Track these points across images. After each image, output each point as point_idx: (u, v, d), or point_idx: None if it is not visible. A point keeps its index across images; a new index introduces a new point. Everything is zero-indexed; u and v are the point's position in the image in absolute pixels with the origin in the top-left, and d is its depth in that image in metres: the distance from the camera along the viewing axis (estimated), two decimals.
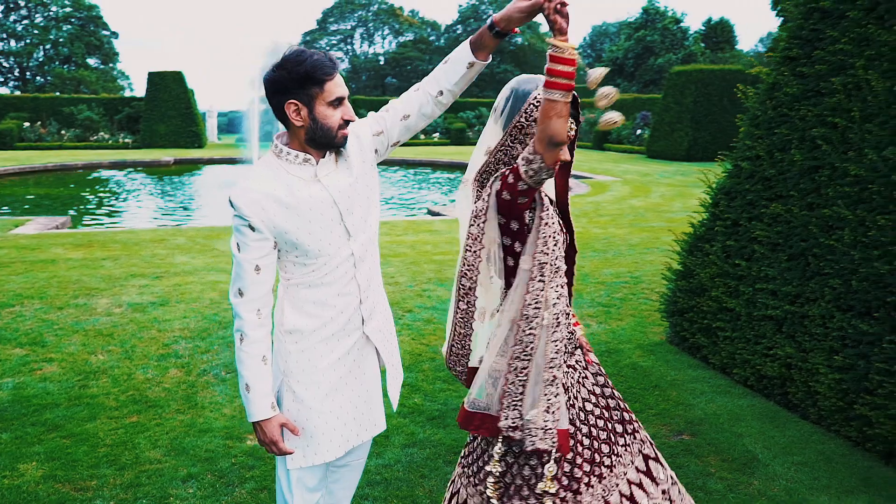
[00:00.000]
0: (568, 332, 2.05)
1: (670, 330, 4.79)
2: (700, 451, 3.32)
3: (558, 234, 1.92)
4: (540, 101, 1.86)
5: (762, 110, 3.96)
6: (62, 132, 28.14)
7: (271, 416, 1.88)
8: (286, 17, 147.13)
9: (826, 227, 3.48)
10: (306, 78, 1.77)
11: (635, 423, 2.19)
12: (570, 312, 2.04)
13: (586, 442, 2.03)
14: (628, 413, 2.18)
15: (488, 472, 1.98)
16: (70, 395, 3.91)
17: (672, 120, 22.73)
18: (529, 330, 1.87)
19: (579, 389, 2.08)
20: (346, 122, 1.86)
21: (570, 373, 2.06)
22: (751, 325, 3.93)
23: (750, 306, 3.92)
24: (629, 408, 2.22)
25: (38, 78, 54.58)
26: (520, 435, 1.90)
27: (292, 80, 1.78)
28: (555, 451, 1.96)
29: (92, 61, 55.72)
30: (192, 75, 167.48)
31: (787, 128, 3.75)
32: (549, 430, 1.89)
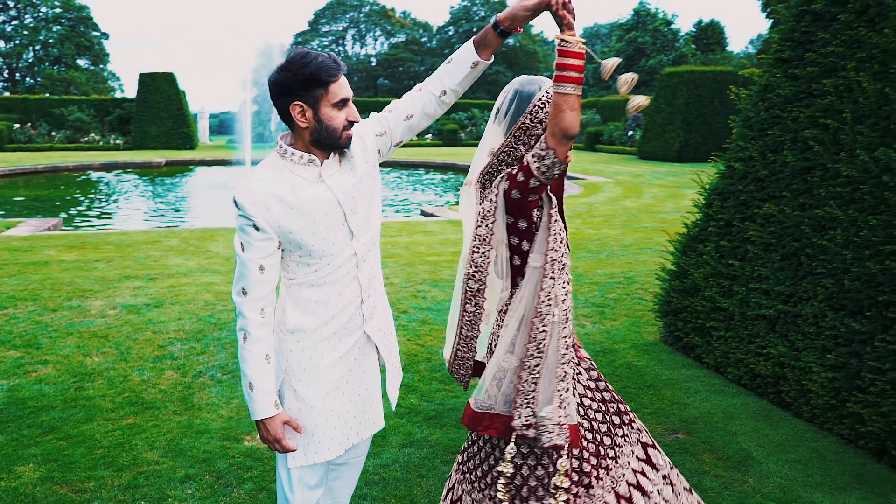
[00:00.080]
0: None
1: (664, 330, 4.82)
2: (695, 450, 3.35)
3: (563, 231, 1.95)
4: (544, 103, 1.90)
5: (755, 112, 4.00)
6: (52, 133, 28.00)
7: (275, 415, 1.89)
8: (277, 18, 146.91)
9: (818, 228, 3.52)
10: (311, 80, 1.79)
11: (630, 414, 2.23)
12: None
13: (589, 436, 2.07)
14: (623, 405, 2.22)
15: (499, 473, 1.98)
16: (66, 397, 3.90)
17: (663, 121, 22.84)
18: (542, 327, 1.90)
19: (575, 385, 2.11)
20: (351, 124, 1.88)
21: None
22: (744, 325, 3.97)
23: (743, 306, 3.96)
24: (622, 399, 2.26)
25: (27, 79, 54.29)
26: (534, 433, 1.91)
27: (297, 82, 1.79)
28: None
29: (82, 62, 55.47)
30: (184, 76, 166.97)
31: (780, 129, 3.79)
32: (563, 425, 1.91)
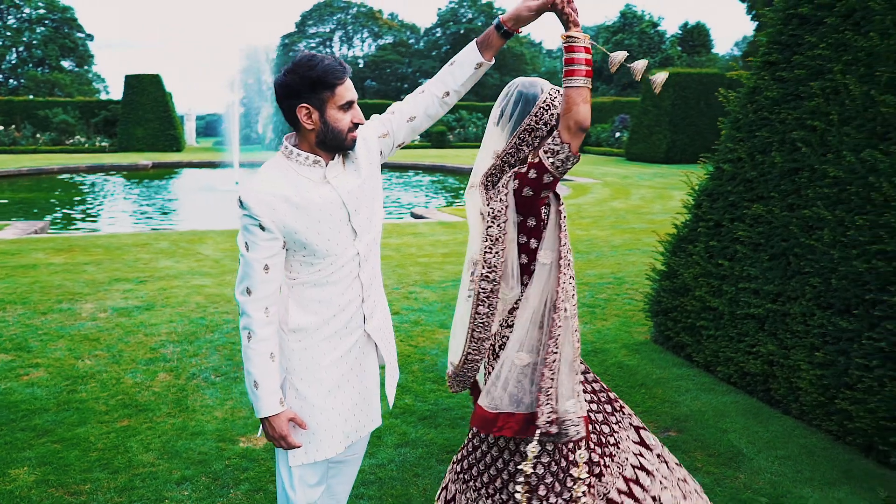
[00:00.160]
0: None
1: (655, 329, 4.87)
2: (687, 447, 3.39)
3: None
4: (548, 105, 1.94)
5: (743, 114, 4.06)
6: (37, 136, 27.74)
7: (280, 412, 1.91)
8: (264, 19, 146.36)
9: (806, 228, 3.57)
10: (318, 82, 1.81)
11: (620, 401, 2.30)
12: None
13: (590, 427, 2.11)
14: (611, 393, 2.29)
15: (517, 472, 1.98)
16: (59, 399, 3.89)
17: (650, 123, 23.00)
18: (559, 322, 1.94)
19: None
20: (356, 125, 1.90)
21: None
22: (734, 324, 4.02)
23: (733, 305, 4.01)
24: (609, 388, 2.33)
25: (10, 81, 53.76)
26: (557, 429, 1.95)
27: (304, 85, 1.81)
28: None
29: (66, 64, 55.04)
30: (169, 78, 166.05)
31: (768, 131, 3.85)
32: (581, 417, 1.96)
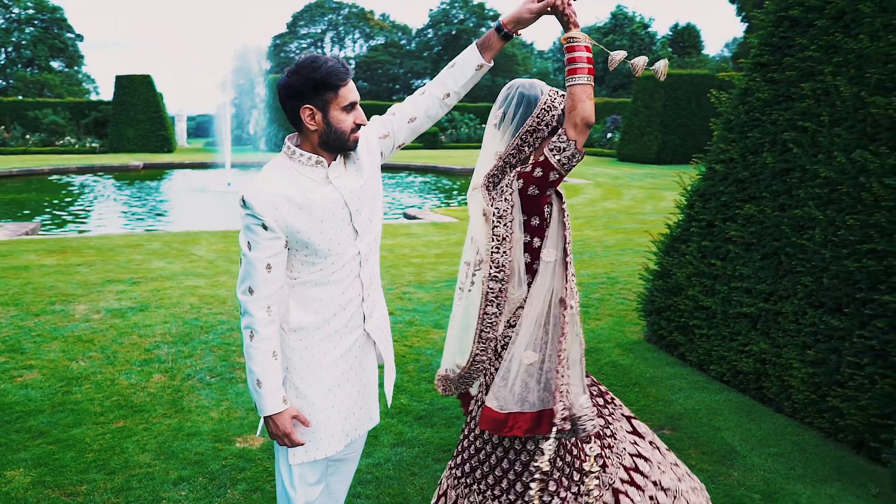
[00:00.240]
0: None
1: (648, 328, 4.91)
2: (681, 445, 3.42)
3: None
4: (549, 106, 1.97)
5: (735, 115, 4.10)
6: (27, 136, 27.57)
7: (283, 410, 1.93)
8: (255, 20, 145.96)
9: (798, 227, 3.61)
10: (322, 83, 1.83)
11: (610, 393, 2.35)
12: None
13: None
14: (602, 386, 2.34)
15: (533, 470, 2.00)
16: (53, 401, 3.88)
17: (641, 123, 23.09)
18: (568, 319, 1.98)
19: None
20: (358, 126, 1.92)
21: None
22: (726, 323, 4.06)
23: (725, 304, 4.05)
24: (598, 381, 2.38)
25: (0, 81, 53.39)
26: (570, 425, 1.99)
27: (308, 86, 1.84)
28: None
29: (56, 64, 54.71)
30: (160, 78, 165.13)
31: (760, 131, 3.89)
32: (594, 411, 2.00)
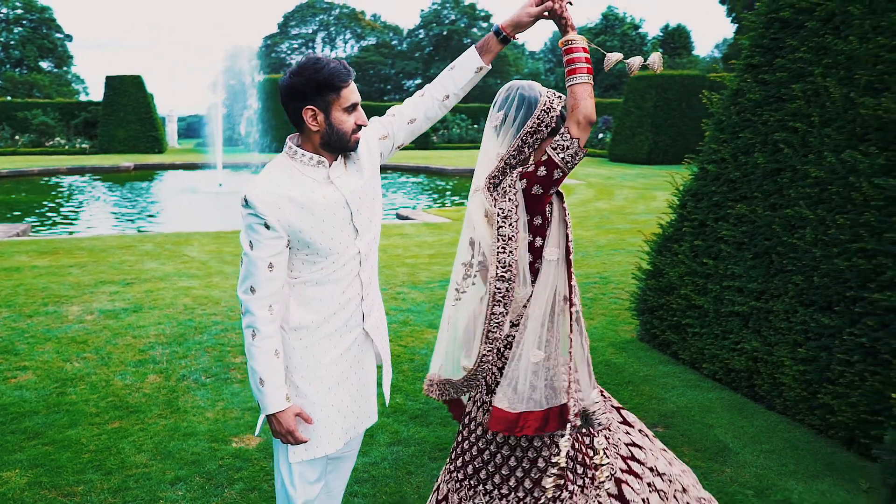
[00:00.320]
0: None
1: (641, 327, 4.95)
2: (674, 443, 3.45)
3: None
4: (549, 107, 2.00)
5: (727, 115, 4.14)
6: (16, 137, 27.39)
7: (287, 407, 1.94)
8: (245, 20, 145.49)
9: (788, 227, 3.66)
10: (324, 85, 1.85)
11: (599, 386, 2.36)
12: None
13: None
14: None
15: (554, 465, 2.01)
16: (48, 402, 3.87)
17: (633, 124, 23.20)
18: (576, 315, 2.03)
19: None
20: (359, 127, 1.95)
21: None
22: (718, 322, 4.10)
23: (717, 303, 4.09)
24: None
25: None
26: (580, 420, 2.03)
27: (310, 87, 1.86)
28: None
29: (45, 64, 54.34)
30: (150, 79, 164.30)
31: (751, 132, 3.93)
32: (604, 404, 2.04)
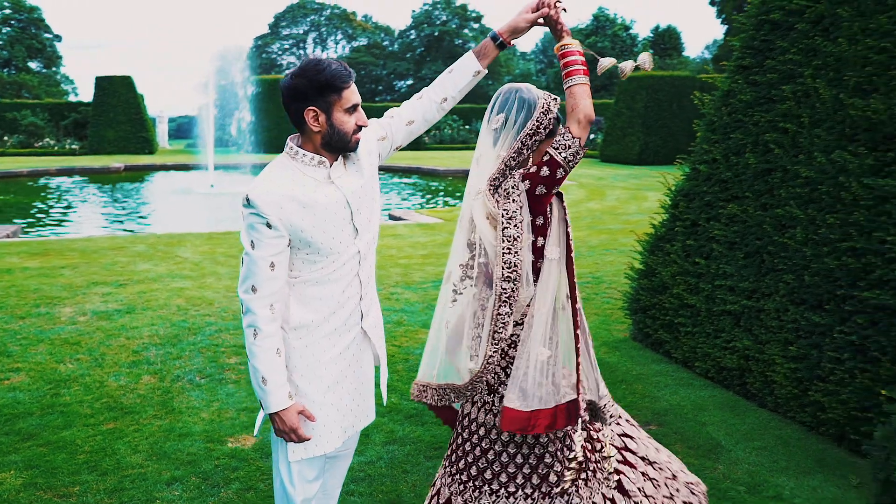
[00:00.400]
0: None
1: (634, 327, 4.98)
2: (667, 440, 3.49)
3: None
4: (547, 109, 2.03)
5: (718, 116, 4.18)
6: (5, 138, 27.22)
7: (290, 405, 1.96)
8: (237, 20, 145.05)
9: (779, 226, 3.70)
10: (326, 86, 1.88)
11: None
12: None
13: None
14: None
15: (570, 460, 2.03)
16: (42, 403, 3.87)
17: (624, 125, 23.31)
18: (580, 311, 2.05)
19: None
20: (360, 128, 1.97)
21: None
22: (710, 320, 4.14)
23: (709, 302, 4.13)
24: None
25: None
26: (590, 414, 2.06)
27: (312, 88, 1.88)
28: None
29: (34, 65, 53.96)
30: (140, 79, 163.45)
31: (742, 133, 3.97)
32: (610, 397, 2.08)
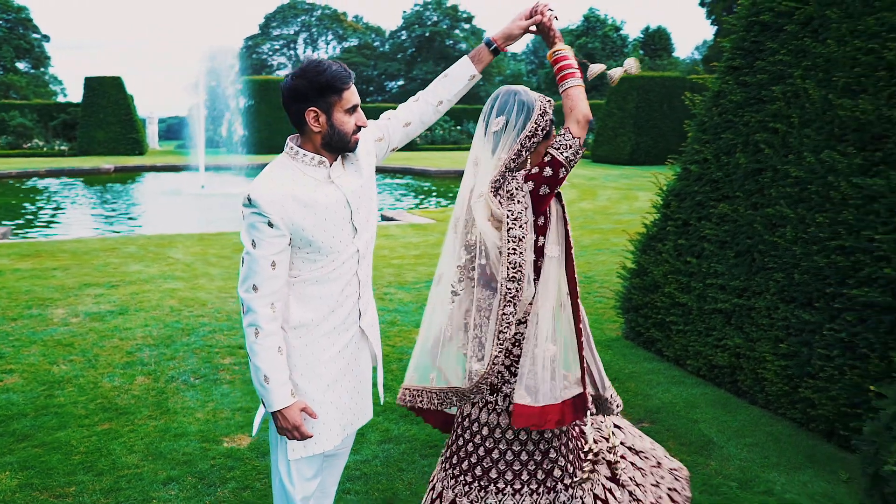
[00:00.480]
0: None
1: (626, 325, 5.02)
2: (660, 437, 3.52)
3: None
4: (545, 111, 2.06)
5: (709, 117, 4.22)
6: None
7: (292, 403, 1.97)
8: (227, 21, 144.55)
9: (770, 225, 3.74)
10: (326, 87, 1.90)
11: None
12: None
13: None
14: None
15: (586, 452, 2.07)
16: (36, 404, 3.86)
17: (615, 125, 23.42)
18: (581, 307, 2.09)
19: None
20: (359, 128, 1.99)
21: None
22: (702, 319, 4.18)
23: (701, 301, 4.17)
24: None
25: None
26: (596, 407, 2.12)
27: (313, 89, 1.90)
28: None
29: (21, 65, 53.55)
30: (130, 80, 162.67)
31: (732, 133, 4.02)
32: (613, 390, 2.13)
